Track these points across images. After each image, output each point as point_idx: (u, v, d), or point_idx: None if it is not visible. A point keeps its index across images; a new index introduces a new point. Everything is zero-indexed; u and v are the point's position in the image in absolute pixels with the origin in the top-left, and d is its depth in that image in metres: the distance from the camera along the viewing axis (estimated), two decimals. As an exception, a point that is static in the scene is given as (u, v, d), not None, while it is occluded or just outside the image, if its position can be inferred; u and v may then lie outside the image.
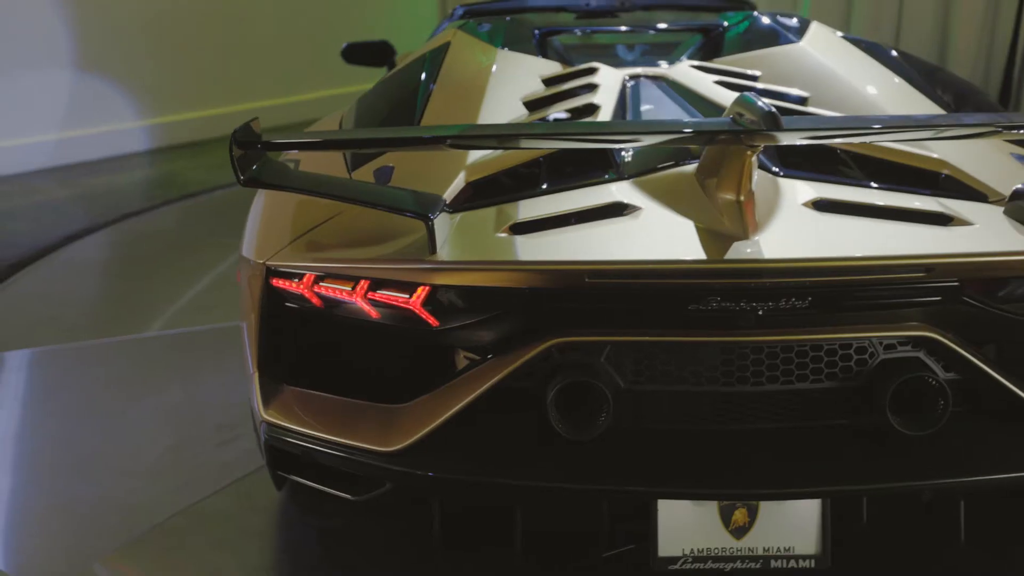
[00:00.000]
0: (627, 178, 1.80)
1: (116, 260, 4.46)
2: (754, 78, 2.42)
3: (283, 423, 1.74)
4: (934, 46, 6.56)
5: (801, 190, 1.73)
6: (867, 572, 1.83)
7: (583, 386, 1.57)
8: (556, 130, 1.74)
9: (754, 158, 1.54)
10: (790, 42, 2.58)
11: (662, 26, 3.10)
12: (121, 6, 6.24)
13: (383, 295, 1.64)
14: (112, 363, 3.15)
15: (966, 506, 1.72)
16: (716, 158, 1.63)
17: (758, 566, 1.64)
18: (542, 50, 2.74)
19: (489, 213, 1.72)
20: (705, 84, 2.30)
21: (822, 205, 1.69)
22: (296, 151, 2.13)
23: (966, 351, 1.61)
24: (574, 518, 1.81)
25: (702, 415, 1.70)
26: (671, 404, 1.69)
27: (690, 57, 2.70)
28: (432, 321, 1.64)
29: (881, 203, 1.70)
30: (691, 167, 1.77)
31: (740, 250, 1.53)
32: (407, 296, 1.62)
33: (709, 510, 1.63)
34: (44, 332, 3.39)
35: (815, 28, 2.71)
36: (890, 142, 1.87)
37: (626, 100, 2.26)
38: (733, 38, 2.80)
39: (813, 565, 1.64)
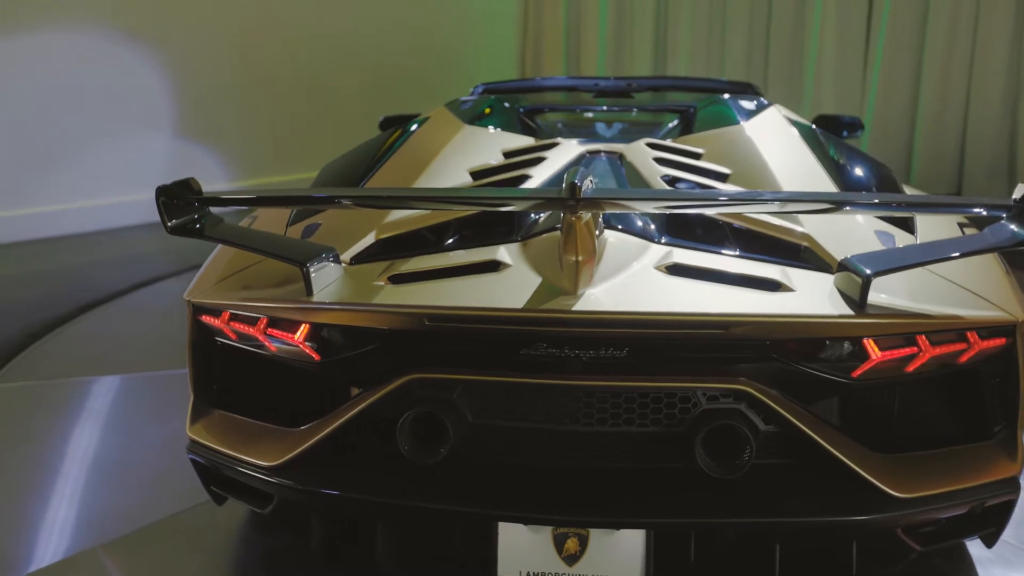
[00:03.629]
0: (519, 240, 2.01)
1: (170, 305, 4.89)
2: (697, 155, 2.58)
3: (199, 439, 2.03)
4: (1003, 131, 6.53)
5: (665, 255, 1.90)
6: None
7: (429, 417, 1.78)
8: (428, 195, 2.00)
9: (584, 223, 1.72)
10: (735, 124, 2.76)
11: (643, 106, 3.32)
12: (214, 78, 6.88)
13: (277, 332, 1.91)
14: (133, 395, 3.52)
15: (784, 549, 1.84)
16: (563, 222, 1.84)
17: None
18: (524, 126, 2.98)
19: (382, 265, 1.96)
20: (644, 159, 2.49)
21: (673, 269, 1.85)
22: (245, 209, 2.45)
23: (776, 403, 1.75)
24: (434, 540, 2.01)
25: (542, 451, 1.88)
26: (515, 439, 1.88)
27: (666, 135, 2.89)
28: (315, 356, 1.89)
29: (727, 269, 1.86)
30: None
31: (563, 302, 1.73)
32: (292, 333, 1.89)
33: (544, 537, 1.80)
34: (88, 365, 3.80)
35: (768, 112, 2.88)
36: (757, 214, 2.04)
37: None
38: (700, 118, 2.99)
39: None
